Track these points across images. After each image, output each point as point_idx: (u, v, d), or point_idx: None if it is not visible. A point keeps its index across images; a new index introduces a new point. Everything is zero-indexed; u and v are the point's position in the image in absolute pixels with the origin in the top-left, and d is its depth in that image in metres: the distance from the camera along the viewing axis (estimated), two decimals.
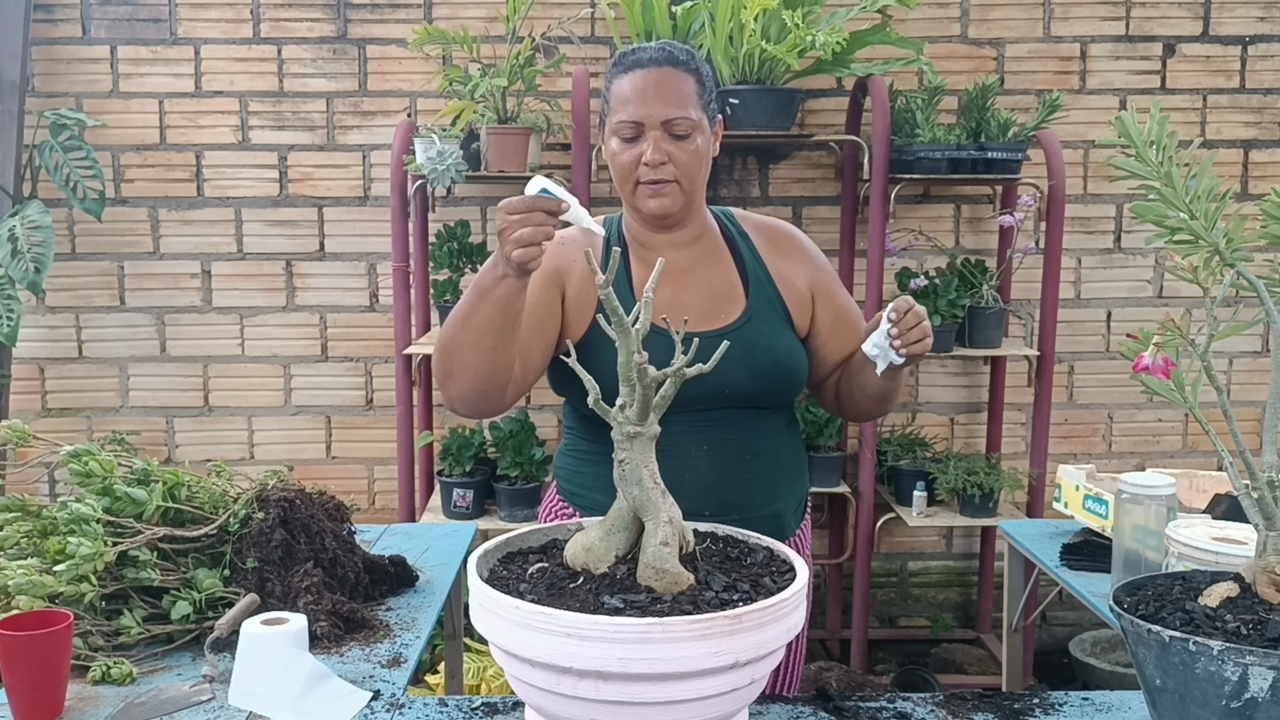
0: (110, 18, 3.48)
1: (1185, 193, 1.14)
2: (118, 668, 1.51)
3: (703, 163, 1.67)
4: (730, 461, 1.70)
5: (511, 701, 1.45)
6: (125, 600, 1.65)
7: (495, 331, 1.57)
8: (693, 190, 1.68)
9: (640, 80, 1.64)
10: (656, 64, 1.64)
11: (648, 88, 1.63)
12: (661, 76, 1.63)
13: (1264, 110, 3.60)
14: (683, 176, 1.65)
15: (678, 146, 1.63)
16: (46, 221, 3.22)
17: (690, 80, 1.65)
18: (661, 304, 1.62)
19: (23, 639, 1.36)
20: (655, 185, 1.65)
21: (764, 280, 1.77)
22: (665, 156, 1.63)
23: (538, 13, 3.35)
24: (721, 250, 1.78)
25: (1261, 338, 3.67)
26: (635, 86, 1.64)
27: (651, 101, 1.62)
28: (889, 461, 3.48)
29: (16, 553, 1.65)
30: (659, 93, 1.63)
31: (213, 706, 1.45)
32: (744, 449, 1.71)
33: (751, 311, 1.73)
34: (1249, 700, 1.04)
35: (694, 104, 1.65)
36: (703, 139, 1.66)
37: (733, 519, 1.44)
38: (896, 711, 1.43)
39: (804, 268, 1.80)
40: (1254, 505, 1.16)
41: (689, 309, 1.67)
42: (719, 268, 1.76)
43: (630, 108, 1.63)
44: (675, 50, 1.67)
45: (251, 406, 3.63)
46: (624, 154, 1.65)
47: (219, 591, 1.67)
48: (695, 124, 1.64)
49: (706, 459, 1.68)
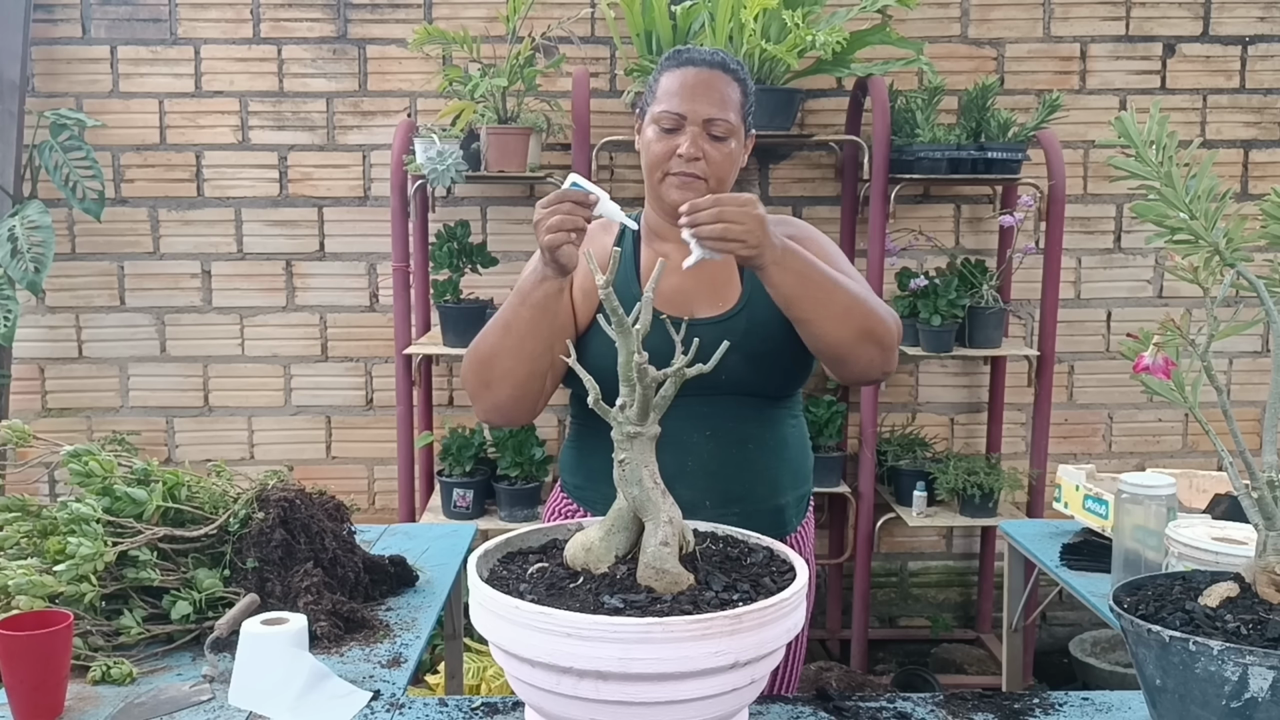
0: (110, 18, 3.48)
1: (1185, 193, 1.14)
2: (118, 668, 1.51)
3: (733, 167, 1.72)
4: (732, 450, 1.71)
5: (511, 701, 1.45)
6: (125, 600, 1.65)
7: (536, 335, 1.64)
8: (718, 189, 1.71)
9: (691, 77, 1.69)
10: (709, 65, 1.70)
11: (697, 85, 1.69)
12: (711, 78, 1.69)
13: (1264, 110, 3.60)
14: (713, 176, 1.69)
15: (714, 146, 1.68)
16: (46, 221, 3.22)
17: (736, 88, 1.71)
18: (664, 290, 1.66)
19: (23, 639, 1.36)
20: (685, 178, 1.69)
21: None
22: (700, 153, 1.68)
23: (538, 13, 3.35)
24: None
25: (1261, 338, 3.67)
26: (685, 82, 1.69)
27: (698, 99, 1.68)
28: (889, 461, 3.48)
29: (16, 553, 1.65)
30: (706, 92, 1.68)
31: (213, 706, 1.45)
32: (746, 438, 1.73)
33: (748, 298, 1.75)
34: (1249, 700, 1.04)
35: (735, 110, 1.70)
36: (737, 144, 1.72)
37: (734, 511, 1.44)
38: (896, 711, 1.43)
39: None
40: (1254, 505, 1.16)
41: (689, 295, 1.71)
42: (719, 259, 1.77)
43: (676, 100, 1.68)
44: (728, 58, 1.74)
45: (251, 406, 3.63)
46: (659, 143, 1.70)
47: (219, 591, 1.67)
48: (734, 129, 1.70)
49: (709, 446, 1.70)
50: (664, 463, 1.62)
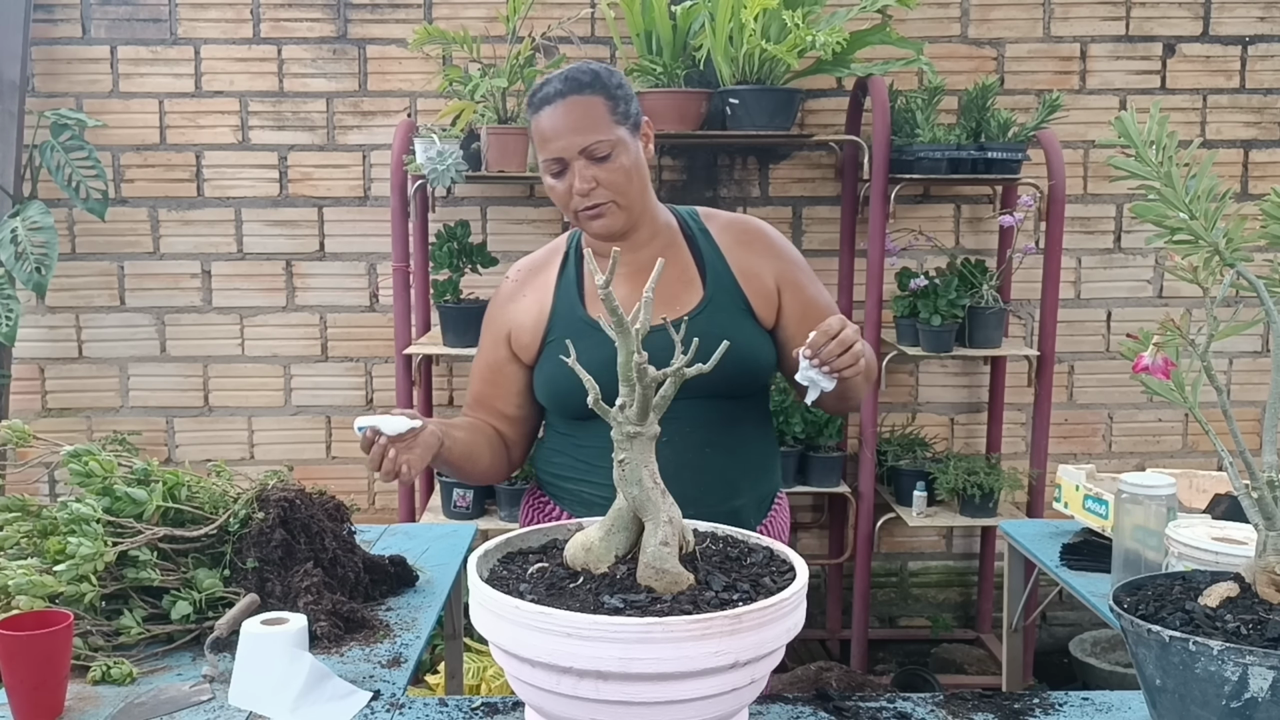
0: (110, 18, 3.48)
1: (1185, 193, 1.14)
2: (118, 668, 1.51)
3: (632, 175, 1.71)
4: (690, 454, 1.72)
5: (511, 701, 1.45)
6: (125, 600, 1.65)
7: (476, 461, 1.83)
8: (630, 203, 1.73)
9: (548, 118, 1.69)
10: (561, 95, 1.69)
11: (557, 122, 1.68)
12: (568, 107, 1.68)
13: (1264, 110, 3.60)
14: (615, 194, 1.70)
15: (601, 169, 1.69)
16: (48, 222, 3.22)
17: (598, 101, 1.69)
18: (624, 299, 1.65)
19: (23, 639, 1.36)
20: (592, 210, 1.71)
21: (722, 272, 1.80)
22: (592, 181, 1.68)
23: (538, 13, 3.35)
24: (678, 245, 1.83)
25: (1261, 338, 3.67)
26: (549, 124, 1.69)
27: (563, 134, 1.68)
28: (889, 461, 3.48)
29: (16, 553, 1.65)
30: (569, 123, 1.67)
31: (213, 706, 1.45)
32: (704, 442, 1.74)
33: (709, 301, 1.77)
34: (1249, 700, 1.04)
35: (606, 123, 1.69)
36: (626, 154, 1.71)
37: (687, 514, 1.42)
38: (896, 711, 1.43)
39: (769, 261, 1.83)
40: (1254, 505, 1.16)
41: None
42: (676, 261, 1.80)
43: (548, 145, 1.70)
44: (578, 74, 1.72)
45: (251, 406, 3.63)
46: (558, 187, 1.72)
47: (219, 591, 1.67)
48: (614, 142, 1.69)
49: (667, 450, 1.68)
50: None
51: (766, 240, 1.86)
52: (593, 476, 1.77)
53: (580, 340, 1.64)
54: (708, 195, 3.54)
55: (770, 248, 1.85)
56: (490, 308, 1.89)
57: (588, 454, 1.78)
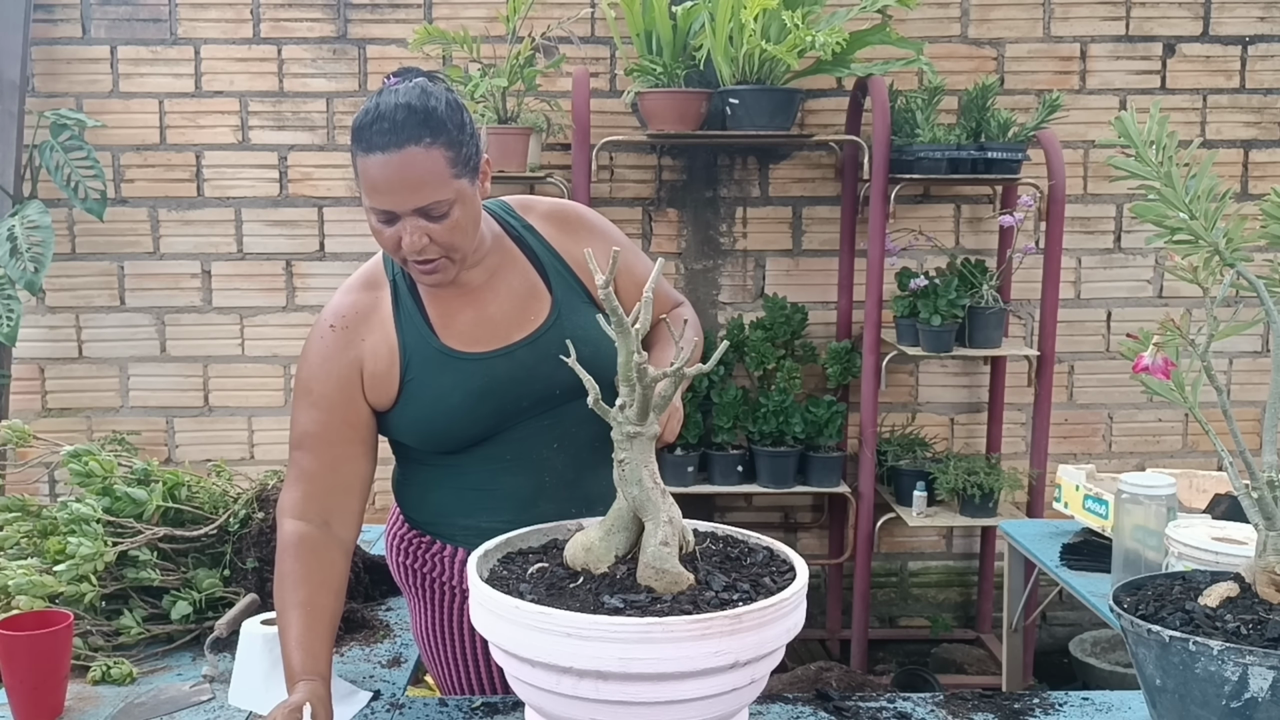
0: (110, 18, 3.48)
1: (1185, 193, 1.14)
2: (118, 668, 1.51)
3: (467, 230, 1.57)
4: (585, 454, 1.66)
5: (511, 701, 1.45)
6: (125, 600, 1.65)
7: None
8: (464, 254, 1.60)
9: (383, 167, 1.49)
10: (397, 146, 1.50)
11: (391, 177, 1.49)
12: (404, 161, 1.48)
13: (1264, 110, 3.60)
14: (449, 251, 1.56)
15: (437, 225, 1.53)
16: (46, 221, 3.22)
17: (437, 153, 1.51)
18: (466, 326, 1.60)
19: (23, 639, 1.36)
20: (424, 265, 1.57)
21: (560, 269, 1.71)
22: (425, 239, 1.53)
23: (538, 13, 3.35)
24: (513, 253, 1.71)
25: (1261, 338, 3.66)
26: (380, 174, 1.50)
27: (396, 191, 1.50)
28: (889, 461, 3.48)
29: (16, 553, 1.65)
30: (403, 182, 1.49)
31: (213, 706, 1.45)
32: (594, 437, 1.64)
33: (558, 306, 1.67)
34: (1249, 700, 1.04)
35: (445, 178, 1.52)
36: (464, 207, 1.55)
37: (599, 513, 1.39)
38: (896, 711, 1.43)
39: (596, 245, 1.71)
40: (1254, 505, 1.16)
41: (495, 323, 1.63)
42: (516, 272, 1.70)
43: (378, 196, 1.51)
44: (414, 117, 1.51)
45: (251, 406, 3.62)
46: (384, 233, 1.55)
47: (219, 591, 1.67)
48: (449, 198, 1.53)
49: (560, 457, 1.65)
50: (522, 485, 1.60)
51: (588, 223, 1.77)
52: (486, 503, 1.65)
53: (443, 372, 1.58)
54: (707, 195, 3.54)
55: (593, 230, 1.76)
56: (313, 368, 1.62)
57: (473, 480, 1.66)
